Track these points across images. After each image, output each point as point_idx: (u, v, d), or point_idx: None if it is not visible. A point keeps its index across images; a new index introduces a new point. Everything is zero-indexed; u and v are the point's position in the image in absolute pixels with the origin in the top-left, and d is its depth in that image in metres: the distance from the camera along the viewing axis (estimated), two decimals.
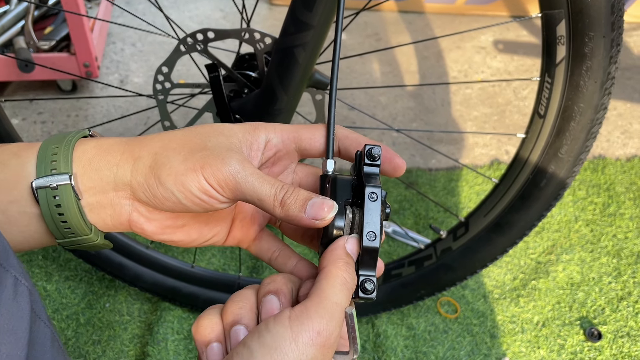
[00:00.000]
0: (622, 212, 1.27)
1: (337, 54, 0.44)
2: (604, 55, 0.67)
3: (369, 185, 0.38)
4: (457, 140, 1.46)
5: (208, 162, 0.37)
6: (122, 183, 0.39)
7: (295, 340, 0.33)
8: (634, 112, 1.57)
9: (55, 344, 0.37)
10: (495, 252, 0.87)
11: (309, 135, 0.43)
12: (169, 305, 1.03)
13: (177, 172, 0.37)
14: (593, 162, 1.40)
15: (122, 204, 0.40)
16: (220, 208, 0.39)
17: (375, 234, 0.37)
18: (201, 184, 0.37)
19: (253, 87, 0.75)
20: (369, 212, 0.37)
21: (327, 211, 0.37)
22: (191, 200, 0.37)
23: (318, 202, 0.37)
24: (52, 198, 0.38)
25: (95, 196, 0.39)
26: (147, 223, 0.41)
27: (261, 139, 0.41)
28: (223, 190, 0.37)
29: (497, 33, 1.83)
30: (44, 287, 1.05)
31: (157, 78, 0.75)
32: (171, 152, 0.38)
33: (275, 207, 0.37)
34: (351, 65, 1.66)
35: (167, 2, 1.86)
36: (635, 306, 1.10)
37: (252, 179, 0.37)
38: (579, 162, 0.76)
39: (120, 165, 0.39)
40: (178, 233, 0.42)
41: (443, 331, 1.04)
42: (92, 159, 0.39)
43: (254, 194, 0.37)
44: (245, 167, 0.37)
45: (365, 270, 0.38)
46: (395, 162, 0.42)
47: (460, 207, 1.27)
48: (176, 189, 0.37)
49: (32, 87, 1.49)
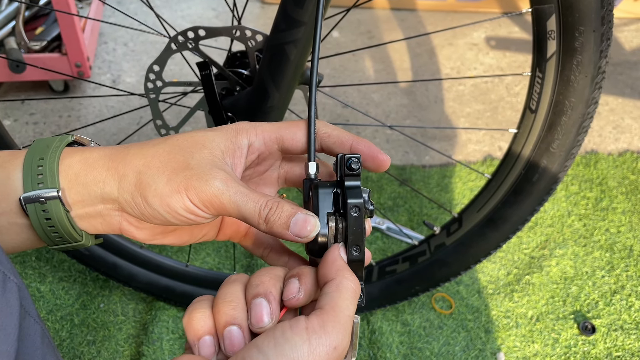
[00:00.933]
0: (615, 207, 1.28)
1: (316, 54, 0.44)
2: (594, 49, 0.67)
3: (351, 199, 0.39)
4: (451, 137, 1.46)
5: (192, 183, 0.37)
6: (109, 198, 0.39)
7: (312, 353, 0.34)
8: (625, 107, 1.58)
9: (45, 340, 0.37)
10: (489, 248, 0.87)
11: (290, 135, 0.43)
12: (164, 304, 1.03)
13: (162, 194, 0.38)
14: (585, 157, 1.41)
15: (111, 215, 0.40)
16: (206, 222, 0.40)
17: (360, 248, 0.39)
18: (186, 205, 0.38)
19: (245, 85, 0.75)
20: (352, 228, 0.39)
21: (310, 230, 0.38)
22: (178, 219, 0.38)
23: (301, 220, 0.38)
24: (41, 212, 0.38)
25: (84, 208, 0.40)
26: (137, 231, 0.42)
27: (243, 144, 0.42)
28: (208, 209, 0.38)
29: (489, 30, 1.83)
30: (37, 288, 1.05)
31: (149, 77, 0.75)
32: (155, 171, 0.38)
33: (260, 224, 0.38)
34: (344, 63, 1.66)
35: (159, 2, 1.85)
36: (628, 300, 1.10)
37: (236, 198, 0.38)
38: (571, 156, 0.76)
39: (107, 182, 0.39)
40: (169, 237, 0.44)
41: (438, 327, 1.05)
42: (78, 174, 0.39)
43: (238, 213, 0.38)
44: (229, 186, 0.38)
45: None
46: (379, 159, 0.42)
47: (454, 203, 1.27)
48: (163, 210, 0.38)
49: (24, 88, 1.49)
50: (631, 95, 1.62)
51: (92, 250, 0.95)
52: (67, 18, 1.27)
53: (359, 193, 0.39)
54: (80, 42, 1.32)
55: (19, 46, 1.35)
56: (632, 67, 1.72)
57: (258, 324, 0.37)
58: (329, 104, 1.51)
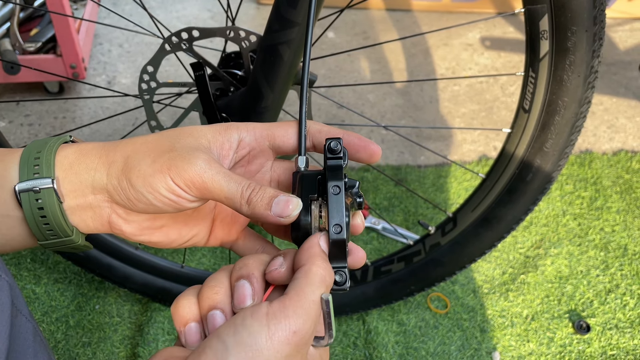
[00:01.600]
0: (609, 206, 1.28)
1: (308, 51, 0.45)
2: (586, 49, 0.67)
3: (330, 180, 0.39)
4: (446, 137, 1.46)
5: (174, 163, 0.38)
6: (99, 187, 0.40)
7: (271, 338, 0.33)
8: (619, 107, 1.59)
9: (37, 338, 0.37)
10: (484, 247, 0.87)
11: (282, 132, 0.43)
12: (159, 305, 1.03)
13: (146, 174, 0.38)
14: (580, 156, 1.41)
15: (101, 207, 0.41)
16: (191, 207, 0.40)
17: (341, 227, 0.38)
18: (168, 185, 0.38)
19: (239, 86, 0.75)
20: (333, 206, 0.38)
21: (292, 209, 0.38)
22: (161, 201, 0.38)
23: (283, 200, 0.38)
24: (34, 201, 0.39)
25: (76, 199, 0.40)
26: (125, 224, 0.42)
27: (233, 138, 0.42)
28: (190, 189, 0.38)
29: (483, 30, 1.84)
30: (32, 290, 1.05)
31: (143, 77, 0.75)
32: (141, 155, 0.39)
33: (242, 205, 0.38)
34: (340, 64, 1.66)
35: (155, 3, 1.85)
36: (623, 298, 1.11)
37: (219, 178, 0.38)
38: (564, 155, 0.76)
39: (98, 169, 0.40)
40: (157, 234, 0.43)
41: (433, 326, 1.05)
42: (73, 163, 0.40)
43: (220, 193, 0.38)
44: (211, 166, 0.38)
45: (336, 263, 0.39)
46: (370, 149, 0.42)
47: (450, 203, 1.28)
48: (145, 190, 0.38)
49: (19, 89, 1.48)
50: (625, 95, 1.63)
51: (87, 252, 0.95)
52: (61, 19, 1.27)
53: (339, 173, 0.39)
54: (75, 44, 1.32)
55: (14, 47, 1.34)
56: (626, 67, 1.72)
57: (240, 304, 0.37)
58: (325, 104, 1.51)
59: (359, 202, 0.40)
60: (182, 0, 1.88)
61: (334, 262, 0.39)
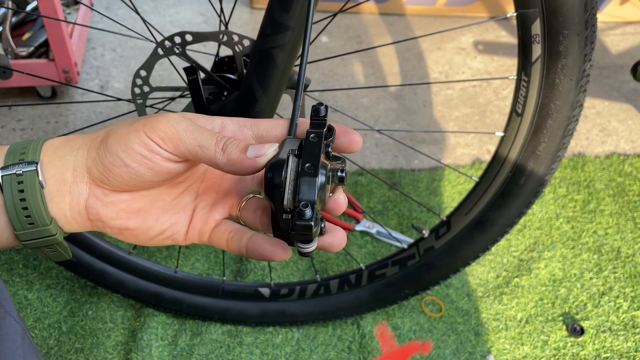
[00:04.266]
0: (602, 209, 1.29)
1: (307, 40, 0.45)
2: (578, 53, 0.68)
3: (310, 130, 0.38)
4: (439, 141, 1.47)
5: (150, 120, 0.38)
6: (80, 166, 0.40)
7: None
8: (612, 110, 1.60)
9: (26, 340, 0.37)
10: (478, 250, 0.87)
11: (267, 122, 0.42)
12: (153, 311, 1.03)
13: (122, 134, 0.38)
14: (573, 159, 1.42)
15: (79, 191, 0.41)
16: (167, 168, 0.39)
17: (313, 166, 0.36)
18: (141, 139, 0.38)
19: (232, 90, 0.75)
20: (307, 150, 0.37)
21: (268, 147, 0.37)
22: (135, 159, 0.38)
23: (258, 145, 0.38)
24: (16, 184, 0.39)
25: (55, 184, 0.40)
26: (102, 207, 0.41)
27: (216, 122, 0.42)
28: (164, 141, 0.38)
29: (477, 34, 1.85)
30: (25, 295, 1.04)
31: (135, 82, 0.75)
32: (121, 125, 0.40)
33: (217, 152, 0.37)
34: (333, 68, 1.66)
35: (148, 7, 1.85)
36: (616, 301, 1.11)
37: (193, 128, 0.38)
38: (557, 159, 0.77)
39: (81, 148, 0.40)
40: (133, 218, 0.42)
41: (428, 330, 1.05)
42: (58, 147, 0.41)
43: (194, 141, 0.38)
44: (185, 120, 0.38)
45: (306, 198, 0.36)
46: (350, 135, 0.41)
47: (444, 207, 1.28)
48: (120, 149, 0.38)
49: (11, 94, 1.48)
50: (617, 99, 1.64)
51: (80, 257, 0.94)
52: (54, 24, 1.26)
53: (321, 127, 0.39)
54: (68, 48, 1.32)
55: (6, 52, 1.34)
56: (619, 71, 1.73)
57: None
58: None
59: (339, 176, 0.38)
60: (176, 5, 1.88)
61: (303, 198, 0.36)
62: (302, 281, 1.01)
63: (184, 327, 1.02)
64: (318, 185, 0.36)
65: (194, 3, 1.88)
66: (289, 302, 1.00)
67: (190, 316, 1.02)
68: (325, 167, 0.37)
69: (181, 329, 1.02)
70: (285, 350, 1.01)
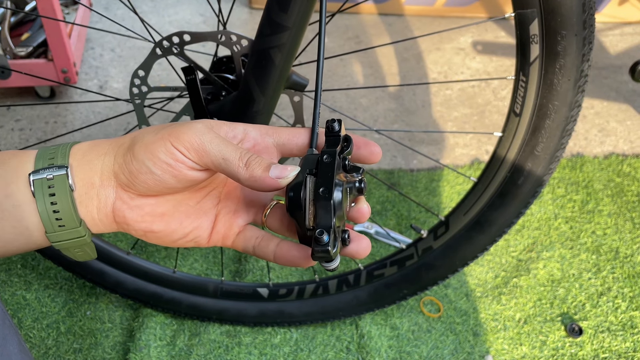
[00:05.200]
0: (601, 209, 1.29)
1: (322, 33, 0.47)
2: (576, 53, 0.68)
3: (324, 150, 0.40)
4: (438, 141, 1.47)
5: (176, 129, 0.39)
6: (107, 170, 0.41)
7: None
8: (610, 111, 1.60)
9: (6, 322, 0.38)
10: (476, 250, 0.87)
11: (288, 131, 0.44)
12: (151, 311, 1.03)
13: (148, 143, 0.40)
14: (571, 160, 1.42)
15: (106, 195, 0.42)
16: (191, 176, 0.40)
17: (327, 190, 0.38)
18: (167, 148, 0.39)
19: (231, 90, 0.75)
20: (321, 172, 0.39)
21: (290, 170, 0.39)
22: (160, 167, 0.39)
23: (281, 166, 0.39)
24: (47, 188, 0.40)
25: (84, 188, 0.41)
26: (128, 210, 0.42)
27: (238, 129, 0.43)
28: (189, 151, 0.39)
29: (475, 34, 1.85)
30: (23, 296, 1.04)
31: (134, 82, 0.75)
32: (146, 132, 0.41)
33: (240, 167, 0.39)
34: (332, 68, 1.66)
35: (147, 7, 1.85)
36: (614, 301, 1.11)
37: (217, 141, 0.39)
38: (555, 159, 0.77)
39: (108, 153, 0.42)
40: (157, 222, 0.43)
41: (426, 330, 1.05)
42: (86, 152, 0.42)
43: (218, 154, 0.39)
44: (210, 132, 0.40)
45: (323, 224, 0.38)
46: (371, 146, 0.43)
47: (442, 207, 1.28)
48: (146, 157, 0.39)
49: (10, 94, 1.48)
50: (616, 99, 1.64)
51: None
52: (53, 24, 1.26)
53: (335, 144, 0.41)
54: (67, 48, 1.31)
55: (5, 52, 1.34)
56: (617, 71, 1.74)
57: None
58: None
59: (357, 187, 0.41)
60: (175, 5, 1.87)
61: (320, 224, 0.38)
62: (301, 281, 1.01)
63: (183, 327, 1.02)
64: (333, 209, 0.38)
65: (192, 3, 1.88)
66: (288, 302, 1.00)
67: (189, 316, 1.02)
68: (341, 184, 0.39)
69: (179, 329, 1.02)
70: (284, 351, 1.00)
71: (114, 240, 1.13)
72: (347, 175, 0.41)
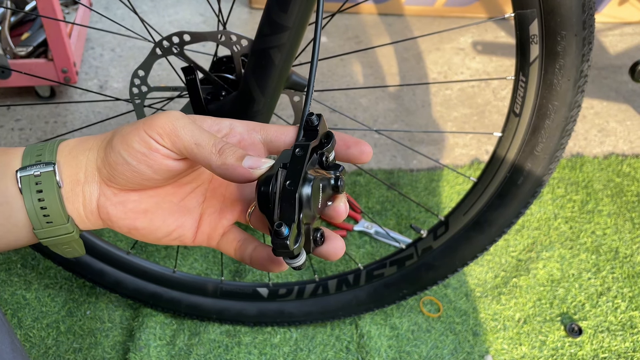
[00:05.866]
0: (600, 209, 1.29)
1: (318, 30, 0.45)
2: (576, 53, 0.68)
3: (297, 143, 0.39)
4: (438, 141, 1.47)
5: (151, 117, 0.39)
6: (91, 166, 0.41)
7: None
8: (610, 111, 1.60)
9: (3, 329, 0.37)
10: (476, 250, 0.87)
11: (276, 127, 0.43)
12: (151, 311, 1.03)
13: (124, 134, 0.39)
14: (571, 160, 1.42)
15: (91, 191, 0.42)
16: (167, 166, 0.39)
17: (294, 183, 0.36)
18: (141, 137, 0.38)
19: (230, 90, 0.75)
20: (291, 165, 0.37)
21: (264, 162, 0.38)
22: (135, 157, 0.39)
23: (255, 157, 0.38)
24: (34, 185, 0.40)
25: (70, 184, 0.41)
26: (112, 207, 0.42)
27: (224, 124, 0.42)
28: (162, 138, 0.38)
29: (475, 34, 1.85)
30: (23, 295, 1.04)
31: (134, 82, 0.75)
32: (127, 124, 0.41)
33: (213, 153, 0.38)
34: (332, 68, 1.66)
35: (147, 7, 1.85)
36: (614, 301, 1.11)
37: (192, 127, 0.38)
38: (555, 159, 0.77)
39: (92, 149, 0.42)
40: (140, 219, 0.43)
41: (426, 330, 1.05)
42: (72, 148, 0.42)
43: (191, 139, 0.38)
44: (185, 117, 0.39)
45: (284, 217, 0.36)
46: (361, 146, 0.42)
47: (442, 207, 1.28)
48: (122, 148, 0.39)
49: (10, 94, 1.48)
50: (616, 99, 1.64)
51: (78, 257, 0.94)
52: (53, 24, 1.26)
53: (312, 139, 0.39)
54: (67, 48, 1.32)
55: (5, 52, 1.34)
56: (617, 71, 1.74)
57: None
58: (317, 108, 1.51)
59: (333, 184, 0.39)
60: (175, 5, 1.88)
61: (284, 216, 0.36)
62: (301, 281, 1.01)
63: (182, 327, 1.02)
64: (299, 203, 0.36)
65: (192, 3, 1.88)
66: (287, 302, 1.00)
67: (189, 316, 1.02)
68: (312, 179, 0.37)
69: (179, 328, 1.02)
70: (284, 350, 1.01)
71: (114, 240, 1.13)
72: (324, 172, 0.39)
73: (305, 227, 0.37)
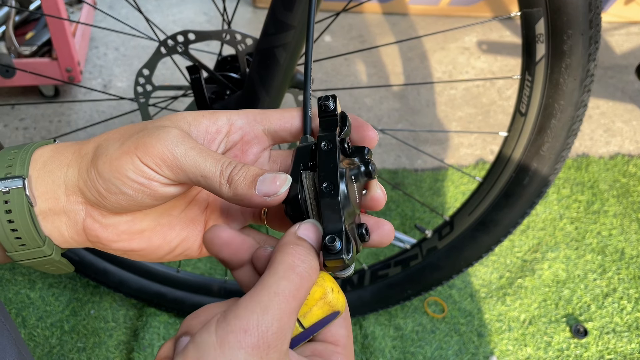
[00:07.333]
0: (606, 210, 1.28)
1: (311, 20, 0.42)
2: (582, 52, 0.67)
3: (321, 135, 0.34)
4: (443, 141, 1.46)
5: (142, 141, 0.33)
6: (72, 185, 0.36)
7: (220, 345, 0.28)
8: (616, 111, 1.59)
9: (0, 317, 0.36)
10: (481, 251, 0.87)
11: (278, 115, 0.38)
12: (155, 310, 1.03)
13: (112, 158, 0.34)
14: (577, 160, 1.41)
15: (75, 210, 0.36)
16: (167, 193, 0.35)
17: (332, 185, 0.32)
18: (135, 165, 0.33)
19: (235, 89, 0.75)
20: (322, 163, 0.33)
21: (280, 185, 0.33)
22: (130, 187, 0.34)
23: (269, 177, 0.33)
24: (2, 203, 0.34)
25: (47, 202, 0.36)
26: (101, 229, 0.37)
27: (221, 121, 0.37)
28: (160, 168, 0.33)
29: (480, 34, 1.84)
30: (27, 295, 1.04)
31: (138, 81, 0.75)
32: (110, 142, 0.35)
33: (222, 185, 0.33)
34: (336, 67, 1.66)
35: (151, 6, 1.85)
36: (620, 302, 1.11)
37: (193, 154, 0.33)
38: (561, 159, 0.76)
39: (70, 165, 0.36)
40: (137, 239, 0.38)
41: (430, 331, 1.04)
42: (47, 161, 0.36)
43: (196, 171, 0.33)
44: (184, 141, 0.33)
45: (331, 227, 0.32)
46: (365, 129, 0.37)
47: (447, 207, 1.27)
48: (113, 176, 0.33)
49: (14, 93, 1.48)
50: (622, 99, 1.63)
51: (82, 256, 0.94)
52: (57, 23, 1.26)
53: (333, 127, 0.34)
54: (71, 47, 1.32)
55: (9, 51, 1.34)
56: (623, 71, 1.73)
57: None
58: None
59: (364, 171, 0.35)
60: (179, 4, 1.87)
61: (329, 228, 0.32)
62: None
63: None
64: (342, 207, 0.32)
65: (197, 2, 1.88)
66: None
67: None
68: (344, 173, 0.33)
69: None
70: None
71: None
72: (349, 160, 0.35)
73: (350, 228, 0.33)
